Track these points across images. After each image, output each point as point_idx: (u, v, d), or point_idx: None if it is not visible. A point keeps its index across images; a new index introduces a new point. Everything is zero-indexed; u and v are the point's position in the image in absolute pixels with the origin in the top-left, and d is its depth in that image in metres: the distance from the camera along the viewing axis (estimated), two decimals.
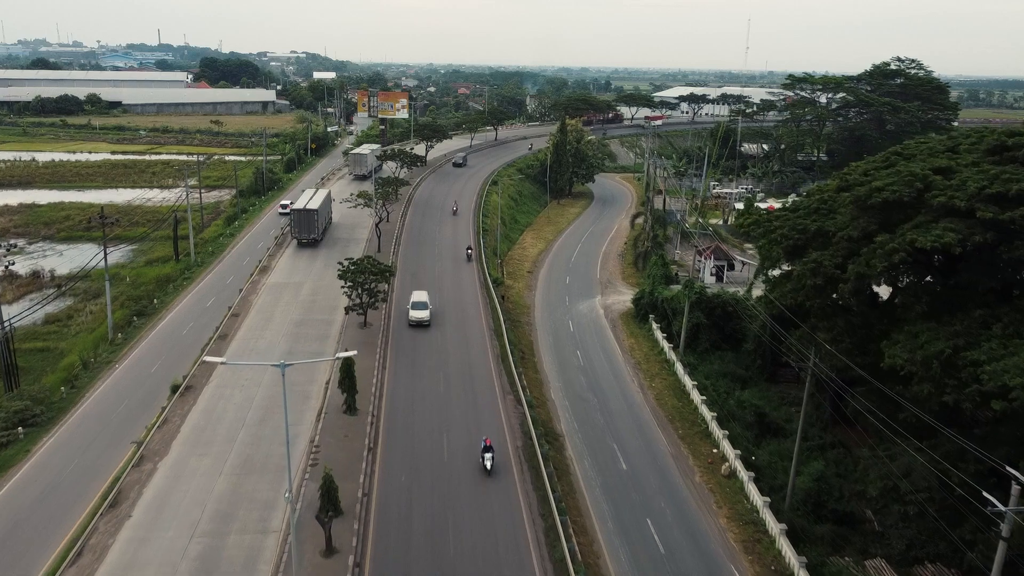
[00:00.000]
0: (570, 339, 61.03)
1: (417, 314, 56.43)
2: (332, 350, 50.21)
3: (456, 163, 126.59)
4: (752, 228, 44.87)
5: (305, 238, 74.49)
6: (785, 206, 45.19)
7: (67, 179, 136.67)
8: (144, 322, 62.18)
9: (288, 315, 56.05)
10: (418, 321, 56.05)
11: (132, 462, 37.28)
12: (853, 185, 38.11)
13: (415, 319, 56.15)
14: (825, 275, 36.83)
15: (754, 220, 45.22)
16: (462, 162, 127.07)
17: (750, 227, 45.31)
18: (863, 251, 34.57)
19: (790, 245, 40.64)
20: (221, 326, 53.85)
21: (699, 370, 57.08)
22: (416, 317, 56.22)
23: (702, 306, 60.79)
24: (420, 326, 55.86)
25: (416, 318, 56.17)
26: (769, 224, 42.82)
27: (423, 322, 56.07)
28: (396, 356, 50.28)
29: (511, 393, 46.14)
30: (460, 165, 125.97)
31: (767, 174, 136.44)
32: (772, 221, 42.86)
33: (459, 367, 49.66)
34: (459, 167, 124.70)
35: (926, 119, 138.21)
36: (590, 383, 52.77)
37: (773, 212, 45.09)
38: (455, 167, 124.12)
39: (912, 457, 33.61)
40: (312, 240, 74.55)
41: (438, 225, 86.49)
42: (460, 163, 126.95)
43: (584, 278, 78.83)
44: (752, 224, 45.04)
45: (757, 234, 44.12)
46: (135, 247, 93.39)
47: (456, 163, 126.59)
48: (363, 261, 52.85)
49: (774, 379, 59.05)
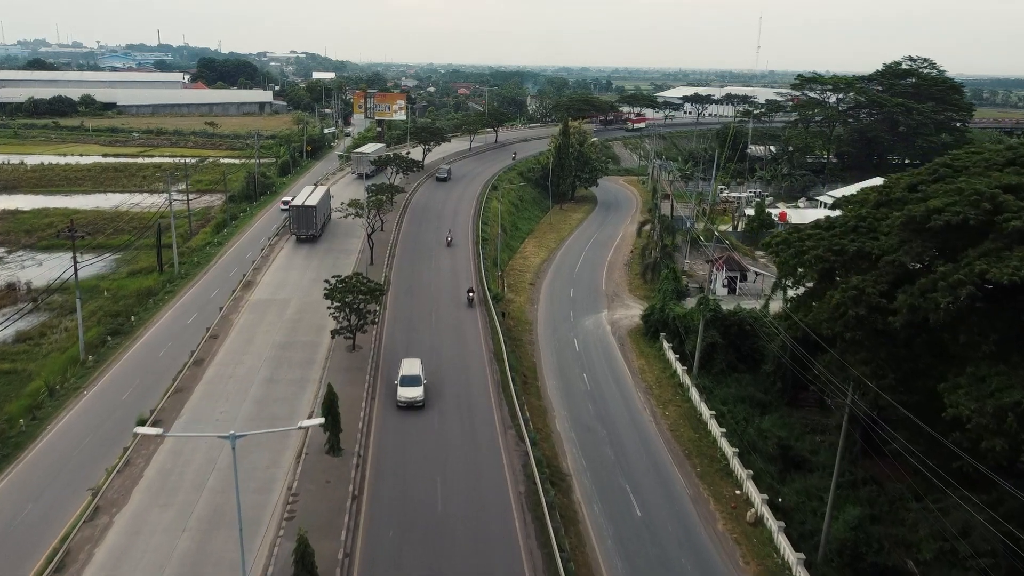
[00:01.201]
0: (576, 360, 56.83)
1: (408, 393, 43.84)
2: (317, 377, 46.00)
3: (440, 177, 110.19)
4: (781, 249, 40.54)
5: (304, 234, 74.71)
6: (818, 223, 40.91)
7: (55, 183, 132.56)
8: (119, 342, 57.97)
9: (271, 336, 51.80)
10: (409, 402, 43.55)
11: (86, 515, 33.08)
12: (898, 201, 33.86)
13: (405, 399, 43.58)
14: (868, 304, 32.61)
15: (783, 240, 40.92)
16: (446, 175, 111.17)
17: (778, 247, 41.00)
18: (920, 280, 30.32)
19: (825, 268, 36.39)
20: (198, 349, 49.61)
21: (715, 394, 52.96)
22: (406, 397, 43.67)
23: (717, 324, 56.62)
24: (412, 407, 43.67)
25: (406, 398, 43.63)
26: (801, 244, 38.60)
27: (415, 402, 43.61)
28: (386, 387, 45.99)
29: (512, 427, 41.94)
30: (444, 179, 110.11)
31: (776, 177, 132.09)
32: (804, 240, 38.64)
33: (456, 398, 45.39)
34: (443, 181, 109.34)
35: (939, 120, 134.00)
36: (598, 411, 48.57)
37: (804, 230, 40.74)
38: (439, 181, 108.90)
39: (969, 514, 29.46)
40: (311, 236, 74.36)
41: (435, 233, 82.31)
42: (444, 177, 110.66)
43: (589, 290, 74.63)
44: (781, 244, 40.72)
45: (787, 255, 39.82)
46: (118, 256, 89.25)
47: (440, 177, 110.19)
48: (351, 279, 48.61)
49: (795, 403, 54.91)
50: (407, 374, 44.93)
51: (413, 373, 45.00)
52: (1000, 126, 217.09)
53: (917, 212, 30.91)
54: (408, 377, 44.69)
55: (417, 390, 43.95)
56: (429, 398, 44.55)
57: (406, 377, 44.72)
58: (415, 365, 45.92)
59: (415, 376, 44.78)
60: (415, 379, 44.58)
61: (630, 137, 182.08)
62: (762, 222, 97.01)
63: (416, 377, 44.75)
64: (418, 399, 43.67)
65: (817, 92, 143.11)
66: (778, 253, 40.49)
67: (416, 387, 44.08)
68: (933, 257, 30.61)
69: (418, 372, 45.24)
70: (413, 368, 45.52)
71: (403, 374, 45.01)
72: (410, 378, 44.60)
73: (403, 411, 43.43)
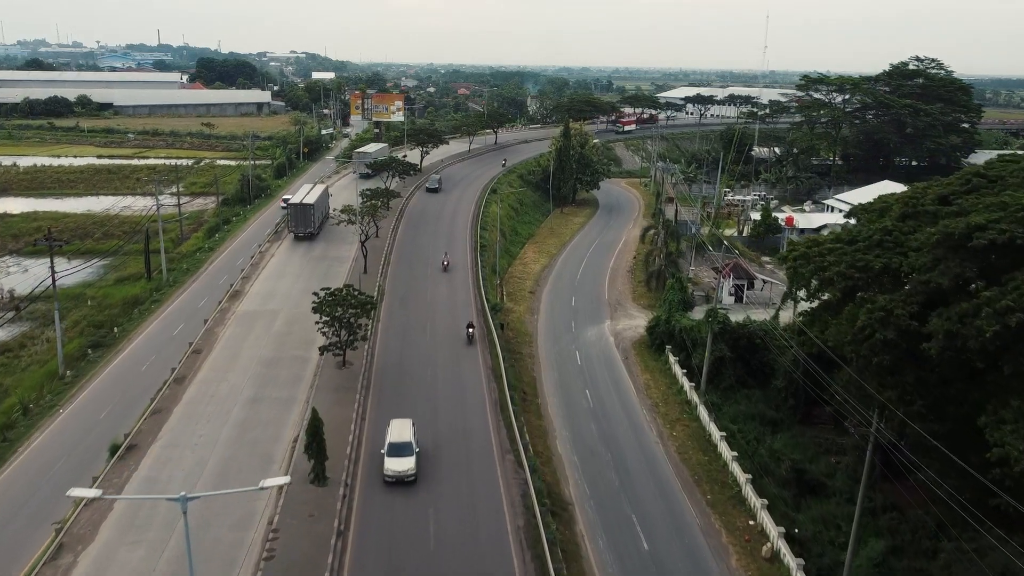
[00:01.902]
0: (578, 374, 54.28)
1: (396, 465, 36.08)
2: (305, 397, 43.42)
3: (430, 188, 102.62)
4: (800, 264, 37.89)
5: (302, 232, 75.82)
6: (838, 236, 38.26)
7: (46, 185, 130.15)
8: (100, 355, 55.43)
9: (258, 351, 49.20)
10: (397, 476, 35.94)
11: (48, 554, 30.54)
12: (927, 214, 31.29)
13: (393, 473, 35.92)
14: (898, 327, 30.03)
15: (801, 254, 38.26)
16: (436, 186, 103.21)
17: (797, 262, 38.36)
18: (960, 305, 27.71)
19: (848, 286, 33.81)
20: (179, 366, 47.02)
21: (723, 411, 50.47)
22: (394, 471, 35.95)
23: (726, 336, 54.11)
24: (401, 483, 36.15)
25: (394, 472, 35.92)
26: (821, 260, 35.98)
27: (406, 477, 36.04)
28: (378, 405, 43.45)
29: (511, 452, 39.37)
30: (435, 190, 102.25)
31: (781, 180, 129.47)
32: (825, 256, 36.02)
33: (451, 420, 42.75)
34: (434, 192, 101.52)
35: (947, 121, 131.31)
36: (602, 431, 46.00)
37: (823, 243, 38.06)
38: (429, 192, 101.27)
39: (1008, 558, 26.93)
40: (308, 234, 75.20)
41: (432, 239, 79.77)
42: (434, 187, 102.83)
43: (591, 299, 72.07)
44: (799, 259, 38.07)
45: (806, 272, 37.19)
46: (106, 262, 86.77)
47: (430, 188, 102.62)
48: (341, 291, 46.05)
49: (808, 421, 52.40)
50: (395, 441, 36.93)
51: (403, 440, 37.03)
52: (1006, 127, 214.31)
53: (956, 228, 28.27)
54: (396, 445, 36.68)
55: (407, 461, 36.12)
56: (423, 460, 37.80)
57: (394, 445, 36.70)
58: (405, 429, 37.95)
59: (405, 444, 36.82)
60: (405, 447, 36.68)
61: (626, 139, 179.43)
62: (768, 227, 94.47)
63: (406, 445, 36.78)
64: (408, 473, 35.83)
65: (823, 93, 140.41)
66: (797, 268, 37.83)
67: (406, 457, 36.33)
68: (972, 278, 28.04)
69: (409, 439, 37.15)
70: (403, 433, 37.53)
71: (391, 440, 37.02)
72: (399, 446, 36.64)
73: None
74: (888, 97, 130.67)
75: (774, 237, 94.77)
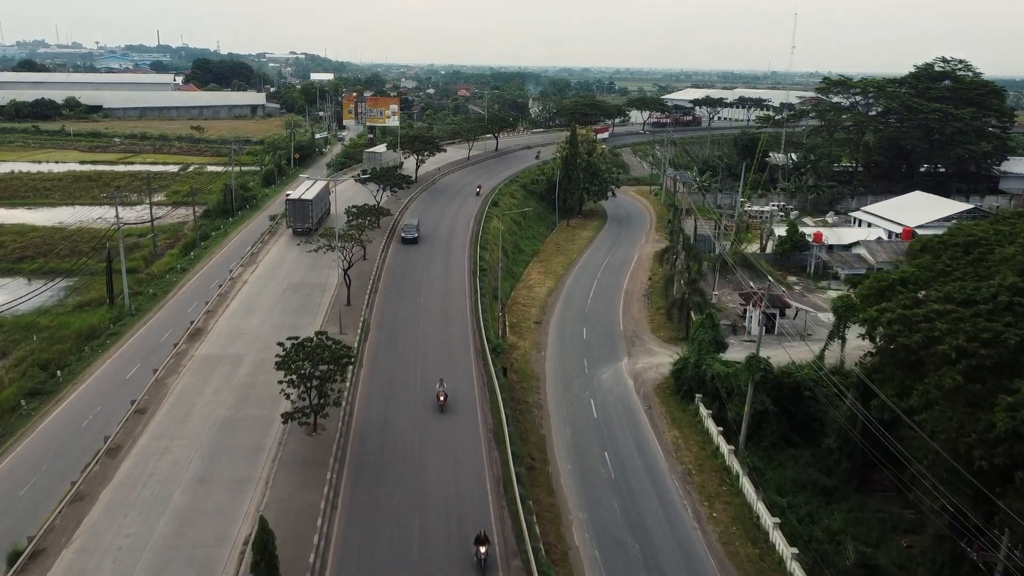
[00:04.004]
0: (594, 431, 46.34)
1: None
2: (264, 475, 35.37)
3: (406, 237, 75.03)
4: (899, 331, 29.75)
5: (300, 227, 76.37)
6: (947, 295, 29.91)
7: (20, 194, 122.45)
8: (36, 406, 47.57)
9: (213, 410, 41.08)
10: None
11: None
12: None
13: None
14: None
15: (900, 318, 30.16)
16: (414, 235, 75.25)
17: (896, 329, 30.21)
18: None
19: (972, 366, 25.83)
20: (118, 429, 38.95)
21: (768, 477, 42.76)
22: None
23: (767, 386, 46.24)
24: None
25: None
26: (930, 327, 27.97)
27: None
28: (355, 486, 35.34)
29: (518, 556, 31.30)
30: (411, 241, 74.86)
31: (800, 189, 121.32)
32: (933, 321, 28.03)
33: (446, 501, 34.67)
34: (411, 242, 74.70)
35: (977, 126, 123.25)
36: (627, 512, 38.07)
37: (927, 303, 29.99)
38: (404, 243, 74.61)
39: None
40: (306, 229, 74.97)
41: (426, 260, 71.77)
42: (412, 237, 75.14)
43: (605, 330, 64.15)
44: (899, 326, 29.95)
45: (912, 342, 28.80)
46: (70, 283, 78.89)
47: (406, 237, 75.03)
48: (312, 342, 37.99)
49: (865, 487, 44.58)
50: None
51: None
52: None
53: None
54: None
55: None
56: None
57: None
58: None
59: None
60: None
61: (634, 144, 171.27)
62: (795, 243, 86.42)
63: None
64: None
65: (845, 96, 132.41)
66: (895, 336, 29.72)
67: None
68: None
69: None
70: None
71: None
72: None
73: (371, 525, 32.83)
74: (916, 101, 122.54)
75: (800, 255, 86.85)
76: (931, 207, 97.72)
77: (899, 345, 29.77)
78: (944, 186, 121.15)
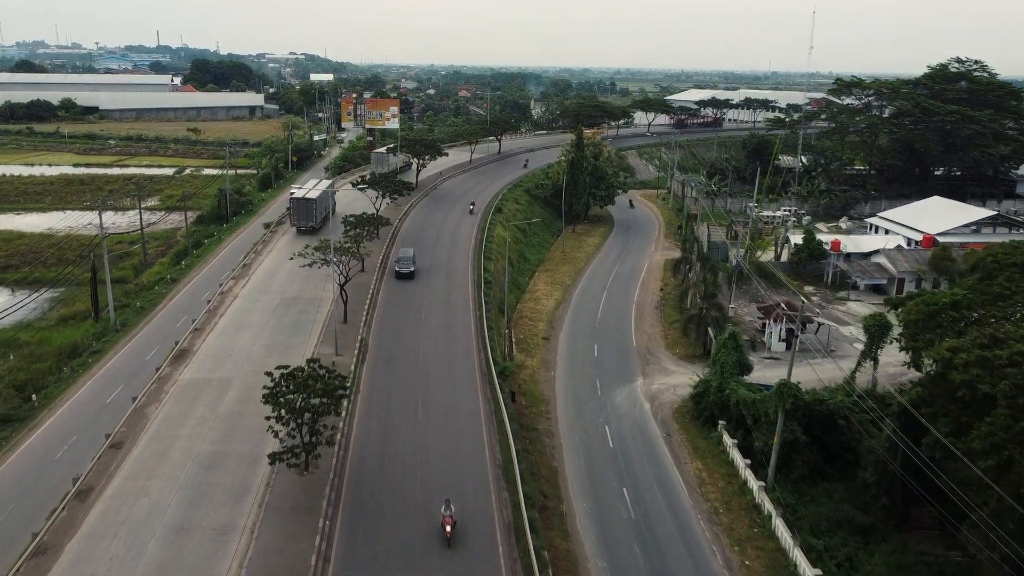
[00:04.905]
0: (610, 463, 42.79)
1: None
2: (250, 524, 31.81)
3: (401, 272, 64.58)
4: (977, 377, 26.09)
5: (303, 226, 76.88)
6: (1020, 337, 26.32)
7: (10, 198, 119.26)
8: (9, 434, 44.00)
9: (195, 444, 37.52)
10: None
11: None
12: None
13: None
14: None
15: (977, 358, 26.53)
16: (409, 269, 64.85)
17: (972, 371, 26.64)
18: None
19: None
20: (90, 468, 35.39)
21: (800, 515, 39.24)
22: None
23: (798, 414, 42.68)
24: None
25: None
26: (1018, 372, 24.46)
27: None
28: (350, 534, 31.81)
29: None
30: (406, 276, 64.45)
31: (813, 193, 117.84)
32: (1020, 365, 24.50)
33: (450, 561, 31.09)
34: (407, 277, 64.39)
35: (994, 129, 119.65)
36: (651, 560, 34.52)
37: (1004, 340, 26.45)
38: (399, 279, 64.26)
39: None
40: (310, 228, 76.20)
41: (427, 275, 68.22)
42: (407, 272, 64.63)
43: (617, 347, 60.62)
44: (976, 369, 26.35)
45: (999, 390, 25.03)
46: (56, 293, 75.37)
47: (401, 272, 64.58)
48: (303, 372, 34.43)
49: (905, 525, 41.06)
50: None
51: None
52: None
53: None
54: None
55: None
56: None
57: None
58: None
59: None
60: None
61: (640, 147, 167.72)
62: (811, 251, 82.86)
63: None
64: None
65: (859, 97, 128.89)
66: (975, 382, 26.08)
67: None
68: None
69: None
70: None
71: None
72: None
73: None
74: (932, 103, 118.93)
75: (817, 263, 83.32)
76: (951, 213, 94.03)
77: (974, 389, 26.21)
78: (959, 190, 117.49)
